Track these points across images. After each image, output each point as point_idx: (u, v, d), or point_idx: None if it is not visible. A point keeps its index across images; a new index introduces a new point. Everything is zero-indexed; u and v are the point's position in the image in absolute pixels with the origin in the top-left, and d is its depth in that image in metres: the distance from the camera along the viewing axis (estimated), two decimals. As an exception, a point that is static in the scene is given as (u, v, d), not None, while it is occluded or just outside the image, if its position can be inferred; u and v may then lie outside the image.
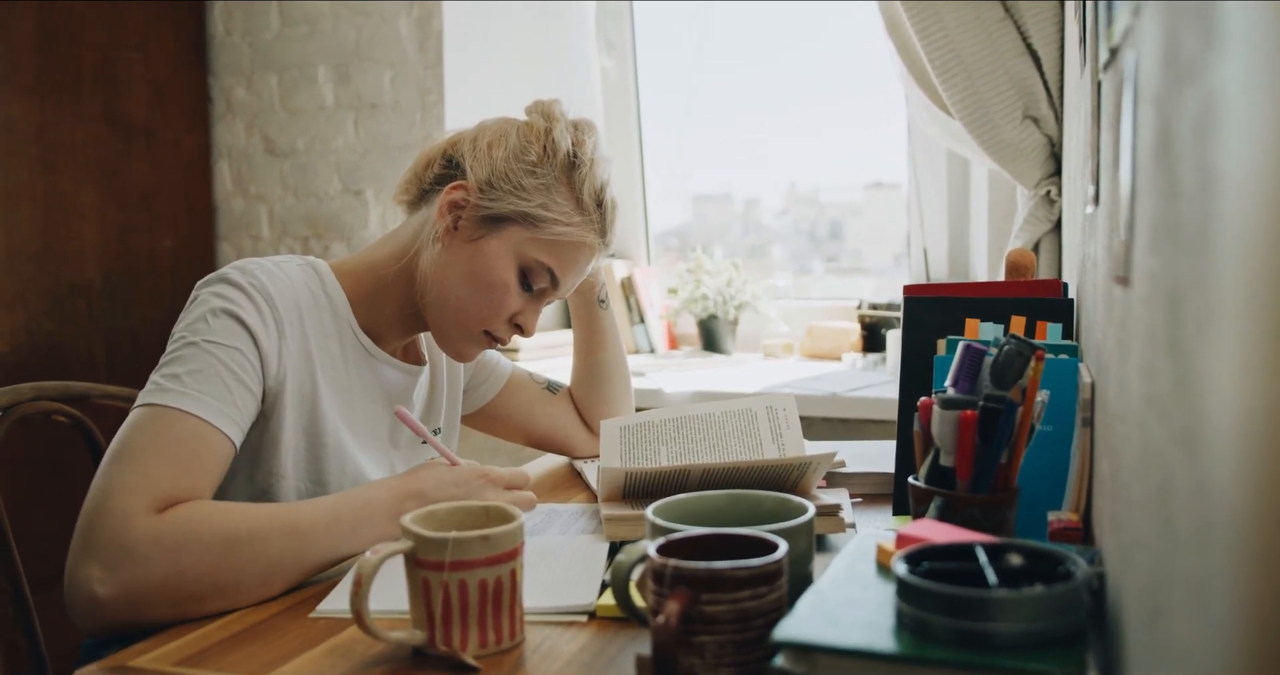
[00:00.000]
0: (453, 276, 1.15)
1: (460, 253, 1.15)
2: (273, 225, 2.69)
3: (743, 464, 1.08)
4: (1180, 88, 0.43)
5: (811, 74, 2.79)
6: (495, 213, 1.14)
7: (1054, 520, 0.89)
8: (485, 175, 1.14)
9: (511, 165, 1.15)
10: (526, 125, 1.19)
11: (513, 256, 1.15)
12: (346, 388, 1.15)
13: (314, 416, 1.10)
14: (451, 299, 1.16)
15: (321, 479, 1.12)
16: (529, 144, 1.16)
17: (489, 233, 1.15)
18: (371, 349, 1.18)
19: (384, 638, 0.79)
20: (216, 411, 0.98)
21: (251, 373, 1.03)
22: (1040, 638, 0.62)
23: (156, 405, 0.97)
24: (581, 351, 1.46)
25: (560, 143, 1.16)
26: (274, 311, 1.06)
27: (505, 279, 1.15)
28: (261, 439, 1.07)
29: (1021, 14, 1.80)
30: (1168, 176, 0.46)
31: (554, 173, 1.15)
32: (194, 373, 0.99)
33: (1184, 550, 0.41)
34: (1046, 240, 1.88)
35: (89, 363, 2.40)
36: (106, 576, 0.88)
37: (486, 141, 1.17)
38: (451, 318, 1.17)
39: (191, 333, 1.02)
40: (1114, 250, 0.70)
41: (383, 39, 2.54)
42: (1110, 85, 0.77)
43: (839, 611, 0.68)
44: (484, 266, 1.14)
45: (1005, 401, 0.85)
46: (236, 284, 1.06)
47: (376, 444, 1.19)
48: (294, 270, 1.12)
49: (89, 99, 2.41)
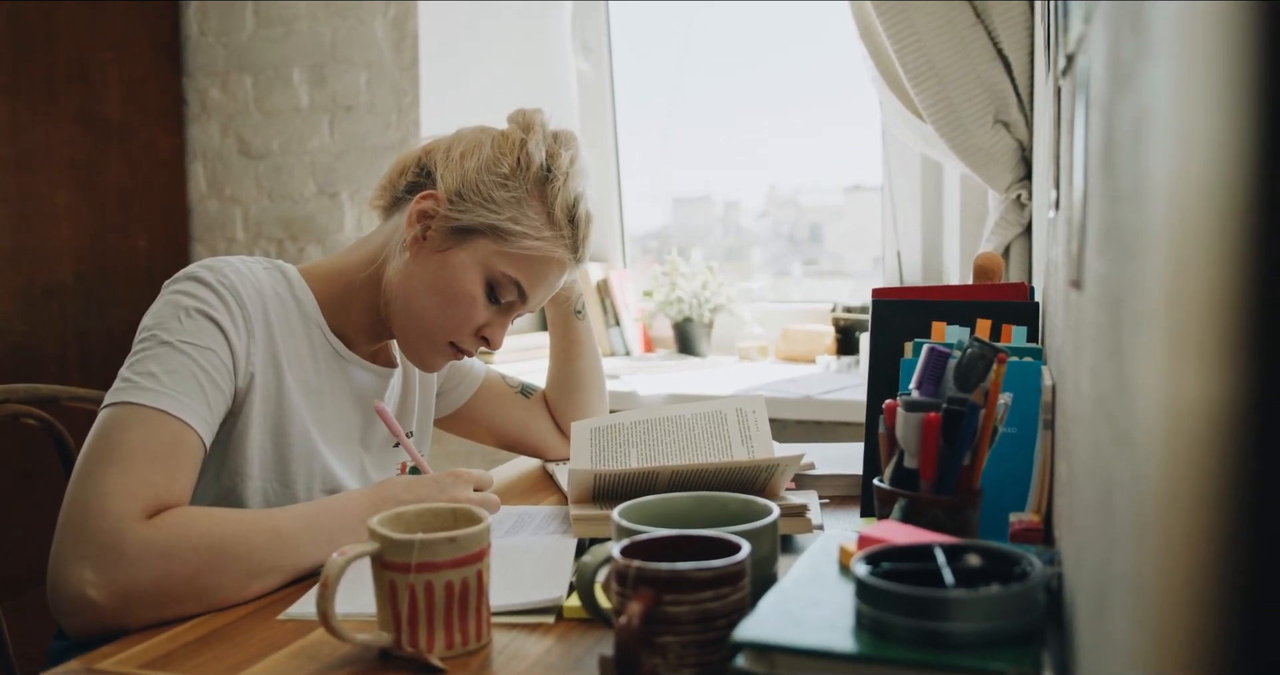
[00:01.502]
0: (418, 286, 1.14)
1: (427, 263, 1.14)
2: (247, 227, 2.68)
3: (711, 466, 1.08)
4: (1121, 94, 0.43)
5: (792, 76, 2.80)
6: (464, 224, 1.13)
7: (1015, 521, 0.90)
8: (455, 186, 1.13)
9: (483, 177, 1.13)
10: (502, 135, 1.17)
11: (480, 269, 1.14)
12: (317, 389, 1.15)
13: (281, 417, 1.10)
14: (416, 309, 1.15)
15: (287, 480, 1.12)
16: (502, 155, 1.15)
17: (457, 244, 1.14)
18: (341, 351, 1.18)
19: (350, 639, 0.79)
20: (194, 413, 0.99)
21: (225, 374, 1.03)
22: (997, 637, 0.63)
23: (138, 404, 0.97)
24: (557, 360, 1.46)
25: (534, 155, 1.15)
26: (243, 310, 1.06)
27: (471, 291, 1.14)
28: (229, 438, 1.07)
29: (992, 19, 1.82)
30: (1111, 181, 0.47)
31: (526, 186, 1.14)
32: (171, 373, 0.99)
33: (1122, 547, 0.42)
34: (1017, 244, 1.89)
35: (62, 364, 2.38)
36: (99, 579, 0.89)
37: (460, 151, 1.16)
38: (416, 328, 1.16)
39: (165, 332, 1.02)
40: (1070, 254, 0.72)
41: (358, 40, 2.53)
42: (1067, 91, 0.78)
43: (800, 612, 0.69)
44: (450, 278, 1.13)
45: (968, 404, 0.86)
46: (206, 282, 1.06)
47: (348, 446, 1.19)
48: (259, 271, 1.12)
49: (63, 99, 2.39)
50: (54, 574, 0.91)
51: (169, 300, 1.05)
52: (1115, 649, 0.44)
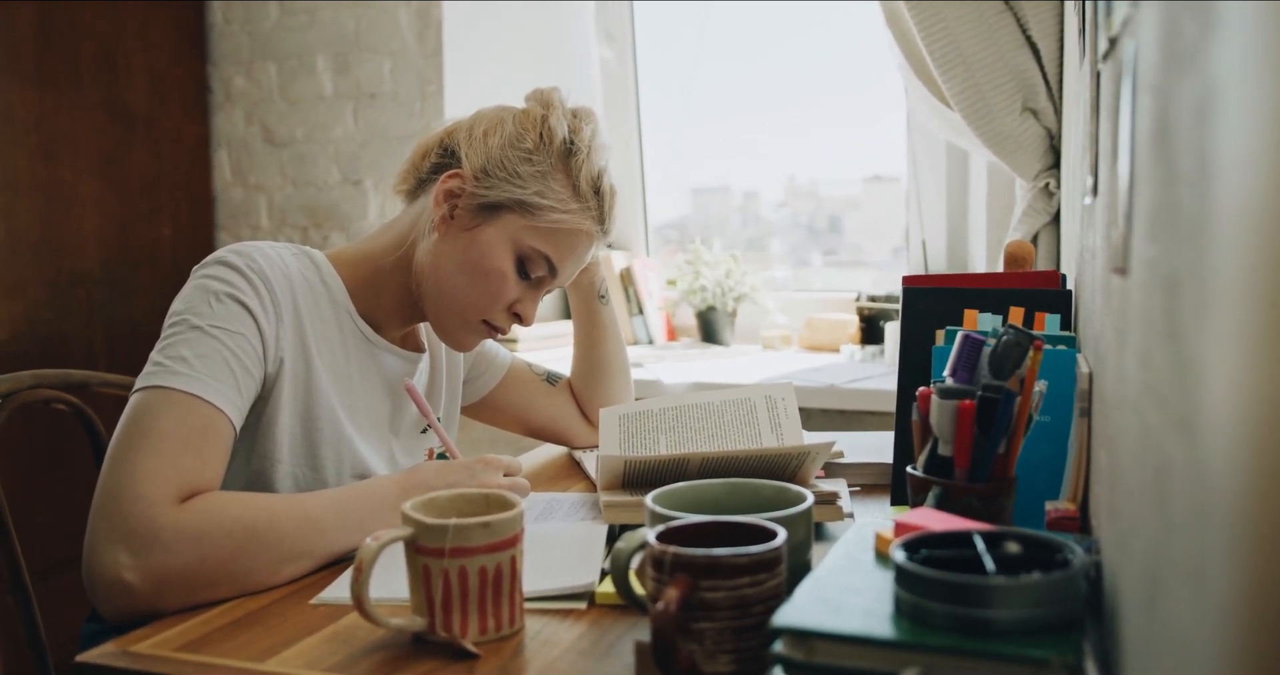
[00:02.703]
0: (449, 266, 1.15)
1: (456, 242, 1.15)
2: (272, 215, 2.69)
3: (742, 453, 1.08)
4: (1179, 75, 0.43)
5: (812, 67, 2.79)
6: (491, 201, 1.14)
7: (1051, 509, 0.90)
8: (481, 163, 1.14)
9: (507, 153, 1.14)
10: (523, 113, 1.18)
11: (509, 245, 1.14)
12: (346, 374, 1.15)
13: (310, 401, 1.10)
14: (448, 288, 1.15)
15: (317, 464, 1.12)
16: (525, 131, 1.15)
17: (485, 221, 1.14)
18: (371, 336, 1.18)
19: (384, 624, 0.79)
20: (224, 397, 0.99)
21: (255, 358, 1.04)
22: (1037, 624, 0.62)
23: (170, 389, 0.97)
24: (582, 346, 1.46)
25: (556, 130, 1.15)
26: (271, 295, 1.06)
27: (501, 267, 1.15)
28: (258, 422, 1.08)
29: (1021, 6, 1.80)
30: (1166, 164, 0.46)
31: (550, 160, 1.15)
32: (201, 357, 1.00)
33: (1180, 534, 0.42)
34: (1045, 232, 1.88)
35: (89, 352, 2.40)
36: (134, 562, 0.89)
37: (482, 129, 1.16)
38: (449, 307, 1.17)
39: (195, 316, 1.02)
40: (1112, 241, 0.71)
41: (382, 28, 2.53)
42: (1109, 75, 0.77)
43: (838, 598, 0.69)
44: (480, 255, 1.14)
45: (1003, 391, 0.86)
46: (235, 267, 1.06)
47: (376, 431, 1.20)
48: (288, 256, 1.12)
49: (89, 88, 2.40)
50: (89, 558, 0.92)
51: (198, 285, 1.05)
52: (1169, 637, 0.44)
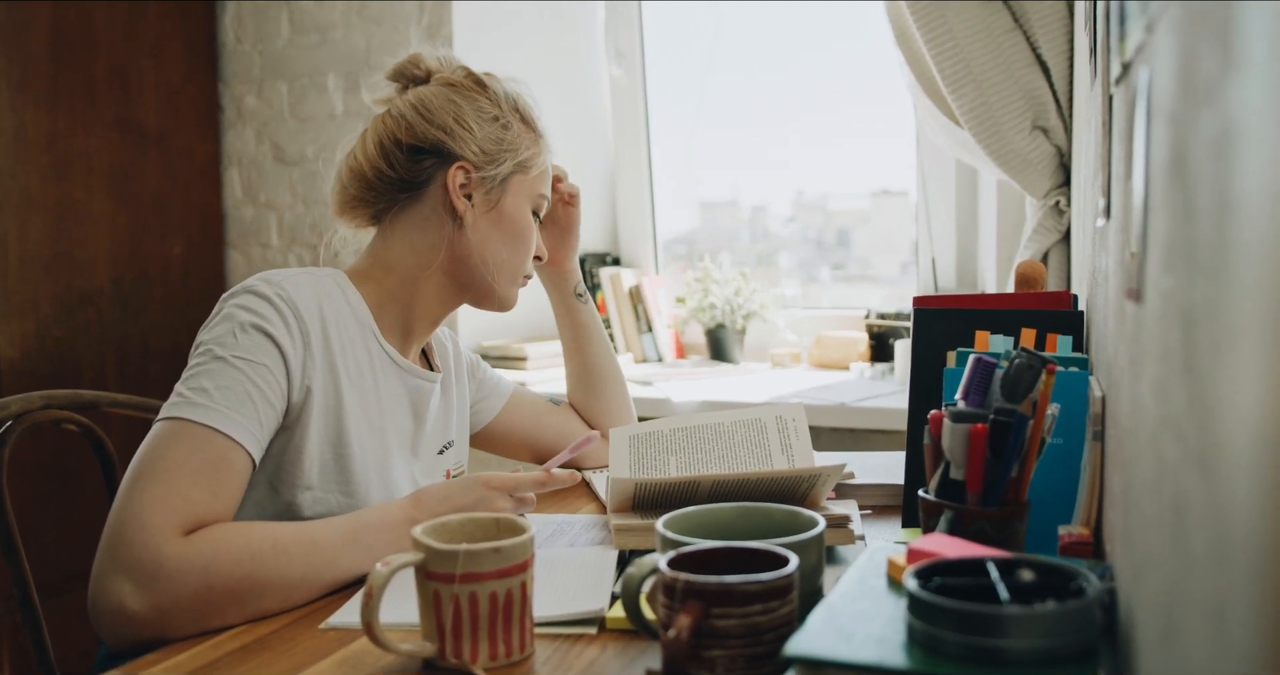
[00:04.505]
0: (490, 243, 1.21)
1: (485, 221, 1.21)
2: (282, 233, 2.70)
3: (753, 475, 1.08)
4: (1197, 108, 0.43)
5: (820, 82, 2.79)
6: (499, 174, 1.21)
7: (1065, 534, 0.89)
8: (475, 147, 1.19)
9: (486, 130, 1.20)
10: (455, 88, 1.21)
11: (526, 202, 1.24)
12: (375, 397, 1.16)
13: (340, 427, 1.10)
14: (496, 262, 1.22)
15: (350, 489, 1.11)
16: (479, 103, 1.21)
17: (500, 194, 1.21)
18: (396, 357, 1.19)
19: (394, 649, 0.79)
20: (243, 429, 0.99)
21: (277, 390, 1.04)
22: (1052, 654, 0.62)
23: (187, 420, 0.97)
24: (570, 351, 1.48)
25: (494, 88, 1.23)
26: (300, 323, 1.07)
27: (529, 224, 1.25)
28: (284, 451, 1.07)
29: (1031, 24, 1.80)
30: (1183, 196, 0.46)
31: (508, 116, 1.22)
32: (222, 388, 1.00)
33: (1200, 570, 0.41)
34: (1055, 251, 1.87)
35: (99, 370, 2.41)
36: (137, 592, 0.89)
37: (450, 118, 1.19)
38: (504, 277, 1.24)
39: (220, 347, 1.02)
40: (1125, 264, 0.70)
41: (393, 47, 2.54)
42: (1122, 100, 0.77)
43: (850, 626, 0.68)
44: (512, 224, 1.23)
45: (1016, 415, 0.85)
46: (264, 295, 1.06)
47: (402, 453, 1.20)
48: (317, 281, 1.13)
49: (101, 106, 2.42)
50: (94, 587, 0.92)
51: (226, 314, 1.05)
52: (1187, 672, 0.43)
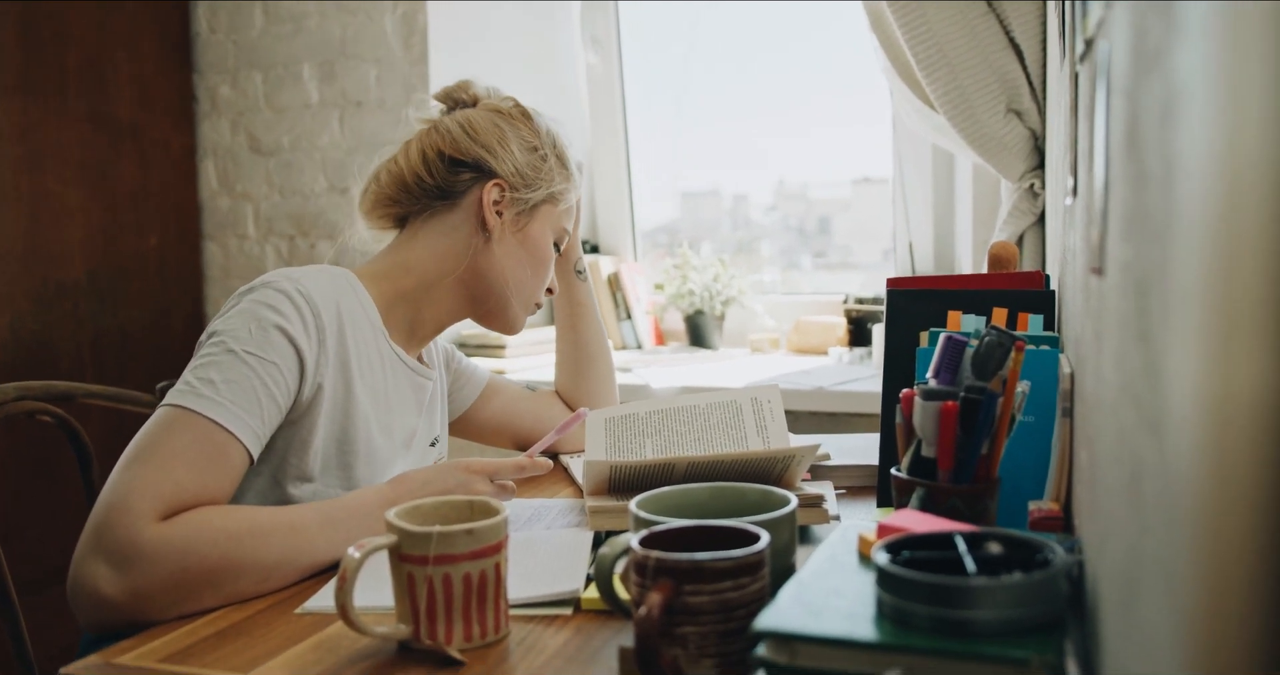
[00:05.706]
0: (510, 263, 1.25)
1: (509, 242, 1.25)
2: (258, 223, 2.69)
3: (728, 456, 1.08)
4: (1147, 76, 0.43)
5: (800, 70, 2.79)
6: (532, 200, 1.25)
7: (1035, 509, 0.90)
8: (512, 169, 1.23)
9: (529, 157, 1.25)
10: (503, 116, 1.26)
11: (550, 233, 1.28)
12: (384, 395, 1.17)
13: (347, 423, 1.11)
14: (514, 282, 1.26)
15: (351, 484, 1.13)
16: (522, 133, 1.26)
17: (529, 218, 1.26)
18: (403, 356, 1.21)
19: (369, 632, 0.79)
20: (244, 426, 0.99)
21: (283, 388, 1.04)
22: (1019, 625, 0.63)
23: (190, 410, 0.97)
24: (564, 328, 1.49)
25: (540, 125, 1.28)
26: (317, 320, 1.07)
27: (550, 253, 1.30)
28: (290, 444, 1.08)
29: (1004, 8, 1.81)
30: (1136, 165, 0.46)
31: (549, 152, 1.27)
32: (230, 383, 1.00)
33: (1152, 536, 0.42)
34: (1031, 233, 1.88)
35: (76, 362, 2.39)
36: (113, 576, 0.89)
37: (494, 139, 1.23)
38: (519, 298, 1.28)
39: (233, 339, 1.02)
40: (1090, 241, 0.71)
41: (368, 36, 2.53)
42: (1086, 76, 0.77)
43: (820, 601, 0.69)
44: (535, 249, 1.27)
45: (986, 392, 0.86)
46: (284, 291, 1.06)
47: (402, 449, 1.22)
48: (332, 279, 1.14)
49: (74, 98, 2.40)
50: (73, 568, 0.92)
51: (243, 308, 1.05)
52: (1145, 636, 0.44)
